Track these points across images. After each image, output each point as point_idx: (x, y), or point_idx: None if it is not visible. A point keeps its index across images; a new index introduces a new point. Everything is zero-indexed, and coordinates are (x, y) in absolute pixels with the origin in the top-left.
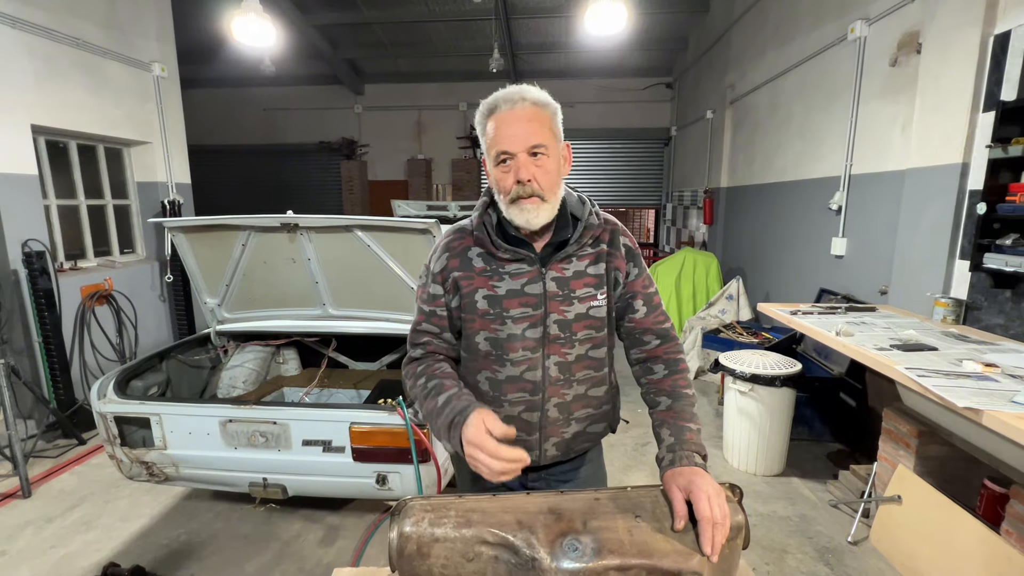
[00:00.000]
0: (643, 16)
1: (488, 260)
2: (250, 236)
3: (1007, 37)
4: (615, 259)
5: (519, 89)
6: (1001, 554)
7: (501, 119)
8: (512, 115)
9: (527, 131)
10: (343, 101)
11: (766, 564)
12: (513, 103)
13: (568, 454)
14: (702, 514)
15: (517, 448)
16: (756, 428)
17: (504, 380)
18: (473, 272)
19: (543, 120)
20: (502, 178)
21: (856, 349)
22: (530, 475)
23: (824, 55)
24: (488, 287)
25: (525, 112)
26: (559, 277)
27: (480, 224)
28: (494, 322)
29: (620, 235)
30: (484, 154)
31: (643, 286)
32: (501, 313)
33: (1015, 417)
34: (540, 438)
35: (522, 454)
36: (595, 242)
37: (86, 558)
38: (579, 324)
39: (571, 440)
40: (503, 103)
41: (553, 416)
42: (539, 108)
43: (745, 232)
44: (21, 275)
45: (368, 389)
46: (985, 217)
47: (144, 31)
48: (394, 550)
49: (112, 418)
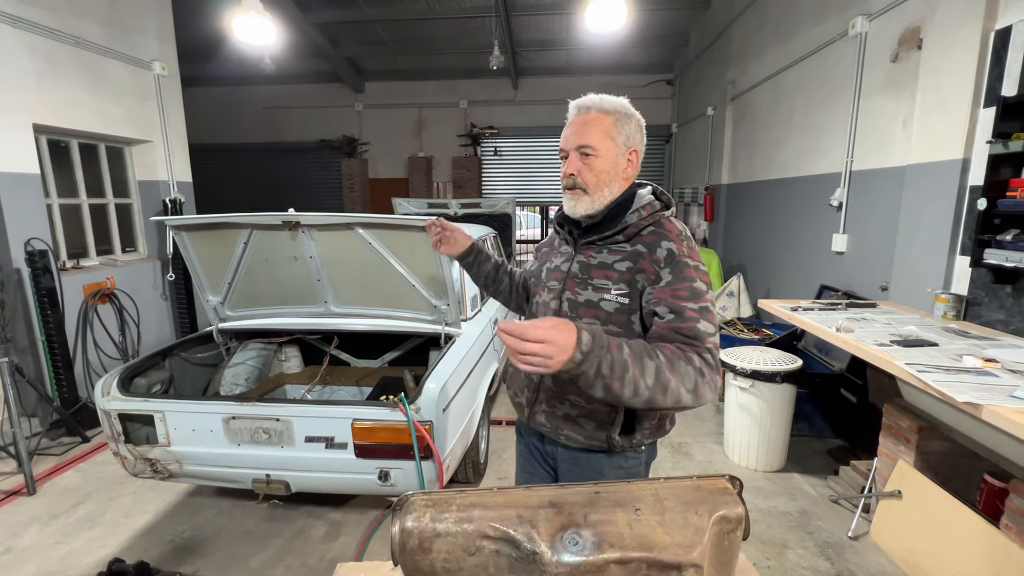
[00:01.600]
0: (644, 12)
1: (554, 237)
2: (252, 234)
3: (1008, 32)
4: (643, 260)
5: (596, 98)
6: (1000, 548)
7: (569, 124)
8: (576, 120)
9: (580, 133)
10: (344, 99)
11: (767, 559)
12: (580, 109)
13: (556, 436)
14: (520, 330)
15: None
16: (757, 424)
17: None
18: (549, 246)
19: (603, 125)
20: (563, 169)
21: (857, 345)
22: (547, 445)
23: (825, 51)
24: (549, 260)
25: (588, 117)
26: (584, 262)
27: (559, 210)
28: (537, 287)
29: (665, 239)
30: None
31: (673, 294)
32: (544, 282)
33: (1015, 412)
34: (535, 399)
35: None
36: (631, 241)
37: (91, 554)
38: (587, 310)
39: (561, 420)
40: (574, 109)
41: (547, 384)
42: (603, 114)
43: (746, 229)
44: (24, 274)
45: (370, 386)
46: (986, 213)
47: (145, 30)
48: (396, 545)
49: (116, 415)
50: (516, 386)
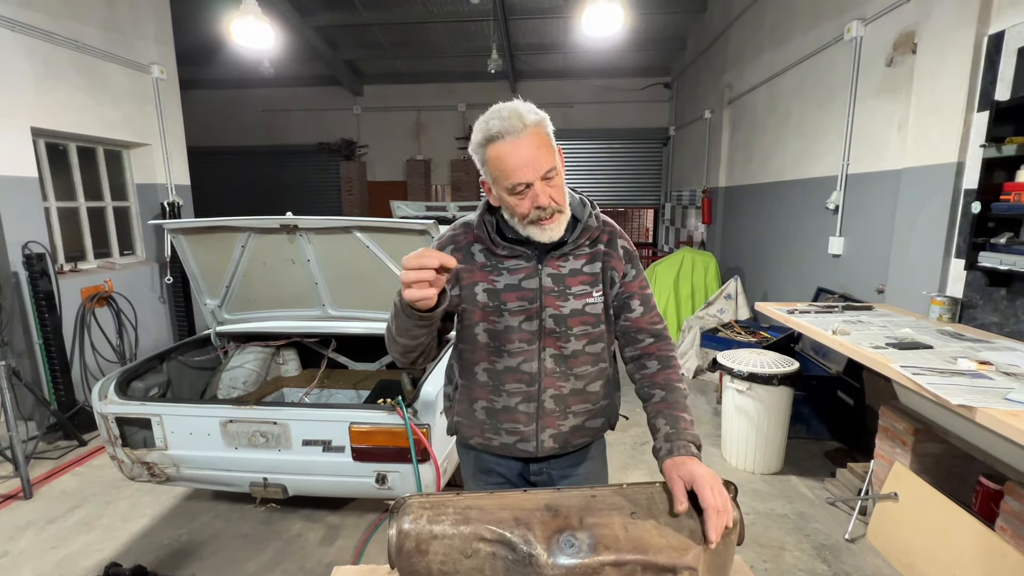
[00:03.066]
0: (641, 16)
1: (488, 256)
2: (250, 237)
3: (1001, 37)
4: (612, 259)
5: (513, 113)
6: (996, 550)
7: (506, 151)
8: (519, 144)
9: (537, 158)
10: (342, 102)
11: (764, 561)
12: (516, 132)
13: (566, 448)
14: (707, 502)
15: (441, 253)
16: (754, 426)
17: (502, 371)
18: (475, 266)
19: (545, 141)
20: (517, 204)
21: (852, 347)
22: (532, 466)
23: (821, 55)
24: (488, 281)
25: (530, 139)
26: (555, 273)
27: (480, 223)
28: (493, 314)
29: (618, 237)
30: (486, 178)
31: (640, 287)
32: (499, 306)
33: (1008, 414)
34: (537, 429)
35: (447, 259)
36: (593, 243)
37: (88, 558)
38: (575, 319)
39: (568, 433)
40: (506, 133)
41: (549, 408)
42: (539, 129)
43: (743, 232)
44: (21, 277)
45: (367, 389)
46: (980, 216)
47: (143, 33)
48: (393, 547)
49: (113, 419)
50: (506, 425)
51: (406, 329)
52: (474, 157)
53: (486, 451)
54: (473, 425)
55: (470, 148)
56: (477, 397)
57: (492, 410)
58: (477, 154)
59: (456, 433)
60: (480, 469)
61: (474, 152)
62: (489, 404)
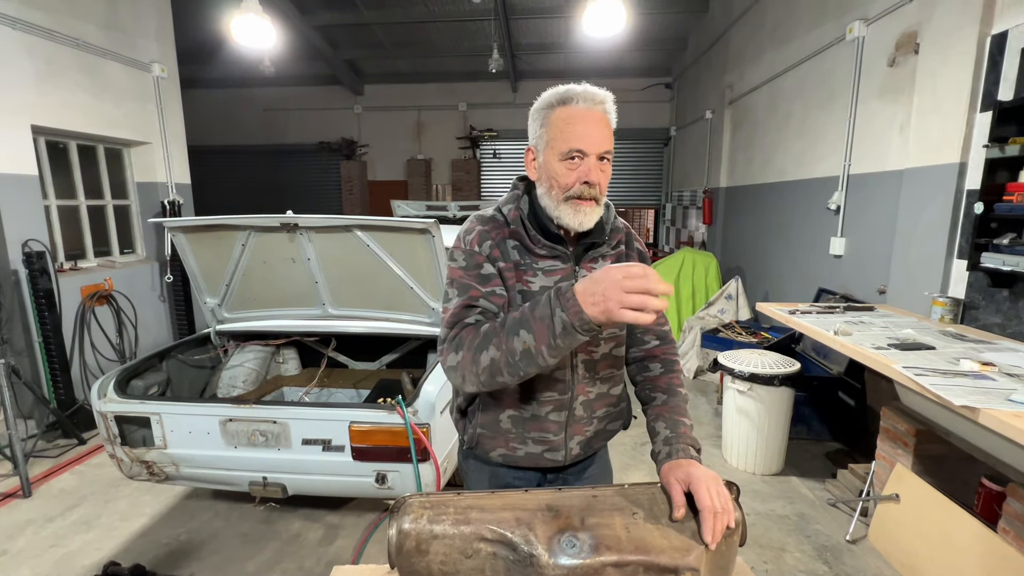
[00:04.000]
0: (642, 16)
1: (523, 254)
2: (250, 236)
3: (1004, 37)
4: (632, 260)
5: (594, 90)
6: (998, 552)
7: (578, 115)
8: (591, 115)
9: (603, 135)
10: (343, 101)
11: (764, 563)
12: (593, 103)
13: (588, 452)
14: (703, 503)
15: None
16: (755, 427)
17: (535, 379)
18: (511, 264)
19: (610, 127)
20: (565, 174)
21: (854, 348)
22: (548, 475)
23: (823, 55)
24: (522, 282)
25: (601, 116)
26: (588, 276)
27: (517, 217)
28: None
29: (634, 239)
30: (537, 143)
31: None
32: None
33: (1011, 415)
34: (566, 437)
35: (668, 289)
36: (617, 244)
37: (86, 557)
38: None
39: (592, 438)
40: (581, 99)
41: (579, 414)
42: (609, 116)
43: (744, 232)
44: (21, 275)
45: (368, 388)
46: (982, 216)
47: (144, 32)
48: (393, 547)
49: (112, 417)
50: (533, 435)
51: (562, 348)
52: (533, 120)
53: (507, 463)
54: (497, 436)
55: (533, 109)
56: (505, 407)
57: (520, 419)
58: (540, 114)
59: (476, 446)
60: (496, 486)
61: (537, 112)
62: (517, 413)
